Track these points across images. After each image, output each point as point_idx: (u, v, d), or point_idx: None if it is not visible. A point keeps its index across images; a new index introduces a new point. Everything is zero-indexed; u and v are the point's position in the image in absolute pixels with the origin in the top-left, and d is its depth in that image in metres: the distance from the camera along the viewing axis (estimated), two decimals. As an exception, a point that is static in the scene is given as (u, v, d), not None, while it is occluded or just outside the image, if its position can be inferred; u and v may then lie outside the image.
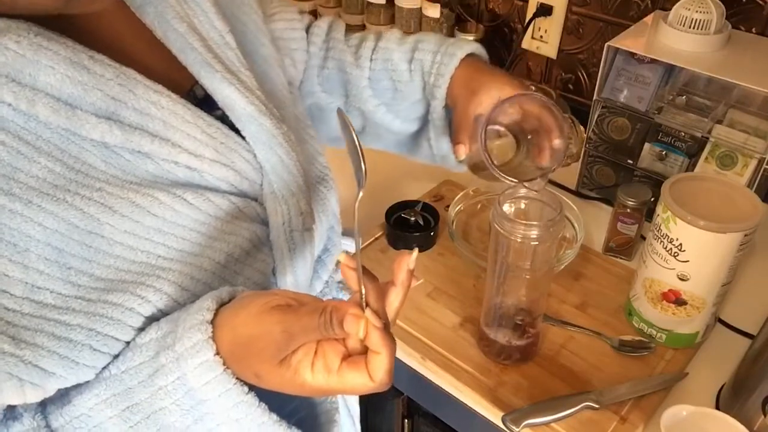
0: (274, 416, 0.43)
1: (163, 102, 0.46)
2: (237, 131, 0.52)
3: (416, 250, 0.43)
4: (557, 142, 0.62)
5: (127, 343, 0.45)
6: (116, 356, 0.45)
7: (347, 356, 0.40)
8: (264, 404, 0.43)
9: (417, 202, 0.96)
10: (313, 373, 0.40)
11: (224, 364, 0.41)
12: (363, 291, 0.40)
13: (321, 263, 0.64)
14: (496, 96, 0.63)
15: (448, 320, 0.83)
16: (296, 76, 0.72)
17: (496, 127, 0.65)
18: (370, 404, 0.94)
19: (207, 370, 0.41)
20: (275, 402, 0.44)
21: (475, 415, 0.76)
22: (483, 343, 0.78)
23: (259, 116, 0.52)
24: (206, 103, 0.51)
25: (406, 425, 0.96)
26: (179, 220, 0.46)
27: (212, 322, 0.42)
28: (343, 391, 0.40)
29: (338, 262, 0.53)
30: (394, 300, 0.42)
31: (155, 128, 0.45)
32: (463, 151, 0.65)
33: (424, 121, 0.73)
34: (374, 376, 0.39)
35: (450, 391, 0.77)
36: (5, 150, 0.39)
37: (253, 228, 0.52)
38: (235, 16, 0.58)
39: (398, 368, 0.82)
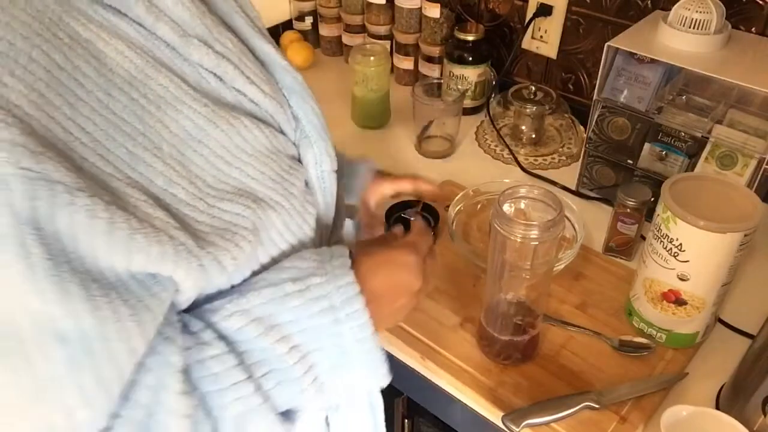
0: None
1: (234, 40, 0.51)
2: None
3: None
4: None
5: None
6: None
7: None
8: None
9: (417, 201, 0.96)
10: None
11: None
12: None
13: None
14: None
15: (448, 320, 0.83)
16: None
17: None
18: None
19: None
20: None
21: (475, 415, 0.76)
22: (483, 343, 0.78)
23: (292, 70, 0.57)
24: None
25: (406, 425, 0.97)
26: (258, 145, 0.50)
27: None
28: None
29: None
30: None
31: (233, 59, 0.50)
32: None
33: None
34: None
35: (450, 391, 0.77)
36: (139, 58, 0.43)
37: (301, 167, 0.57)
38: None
39: (398, 368, 0.82)
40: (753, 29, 0.96)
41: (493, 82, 1.25)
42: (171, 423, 0.43)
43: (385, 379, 0.55)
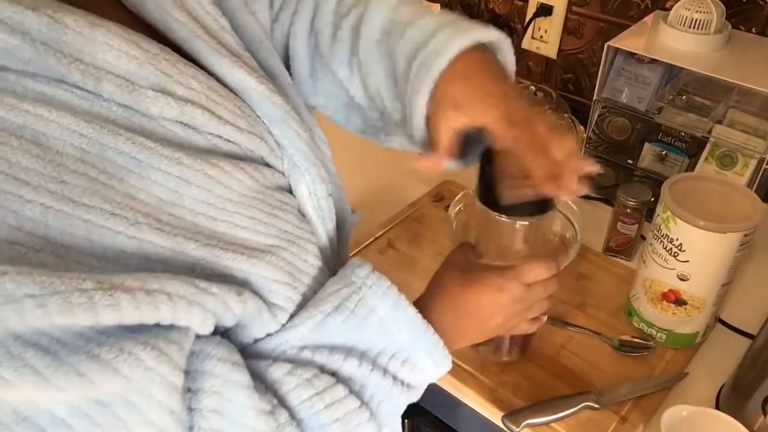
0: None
1: (200, 77, 0.46)
2: None
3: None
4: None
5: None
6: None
7: None
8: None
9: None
10: None
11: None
12: None
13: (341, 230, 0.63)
14: (474, 118, 0.55)
15: (448, 320, 0.82)
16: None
17: None
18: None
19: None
20: None
21: (475, 415, 0.76)
22: (483, 343, 0.78)
23: (270, 95, 0.52)
24: None
25: (406, 425, 0.96)
26: (243, 189, 0.47)
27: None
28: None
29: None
30: None
31: (201, 101, 0.45)
32: (423, 167, 0.59)
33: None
34: None
35: (450, 391, 0.77)
36: (89, 127, 0.39)
37: (290, 198, 0.54)
38: None
39: (398, 368, 0.82)
40: (753, 29, 0.96)
41: (493, 82, 1.24)
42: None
43: (444, 360, 0.55)
